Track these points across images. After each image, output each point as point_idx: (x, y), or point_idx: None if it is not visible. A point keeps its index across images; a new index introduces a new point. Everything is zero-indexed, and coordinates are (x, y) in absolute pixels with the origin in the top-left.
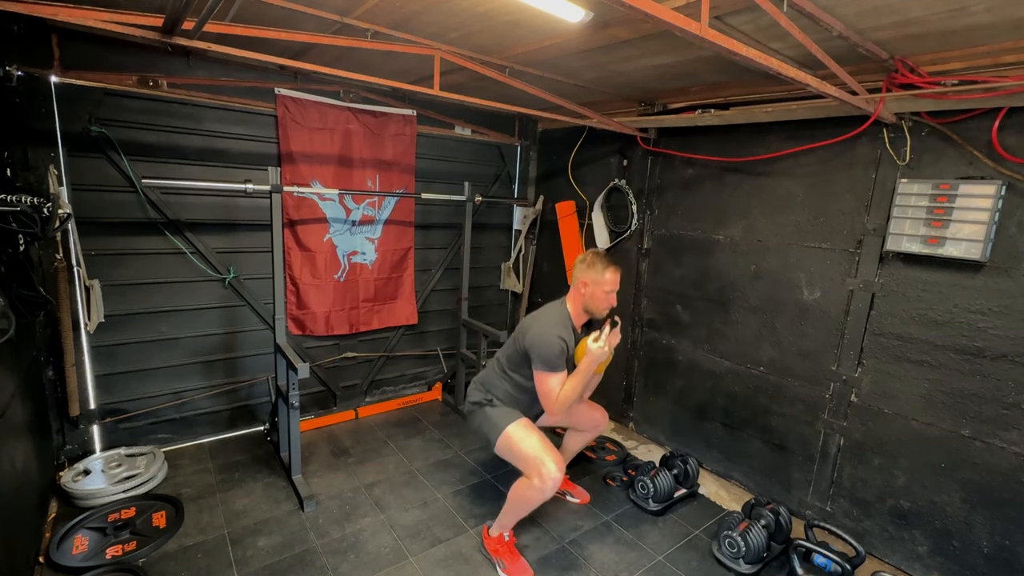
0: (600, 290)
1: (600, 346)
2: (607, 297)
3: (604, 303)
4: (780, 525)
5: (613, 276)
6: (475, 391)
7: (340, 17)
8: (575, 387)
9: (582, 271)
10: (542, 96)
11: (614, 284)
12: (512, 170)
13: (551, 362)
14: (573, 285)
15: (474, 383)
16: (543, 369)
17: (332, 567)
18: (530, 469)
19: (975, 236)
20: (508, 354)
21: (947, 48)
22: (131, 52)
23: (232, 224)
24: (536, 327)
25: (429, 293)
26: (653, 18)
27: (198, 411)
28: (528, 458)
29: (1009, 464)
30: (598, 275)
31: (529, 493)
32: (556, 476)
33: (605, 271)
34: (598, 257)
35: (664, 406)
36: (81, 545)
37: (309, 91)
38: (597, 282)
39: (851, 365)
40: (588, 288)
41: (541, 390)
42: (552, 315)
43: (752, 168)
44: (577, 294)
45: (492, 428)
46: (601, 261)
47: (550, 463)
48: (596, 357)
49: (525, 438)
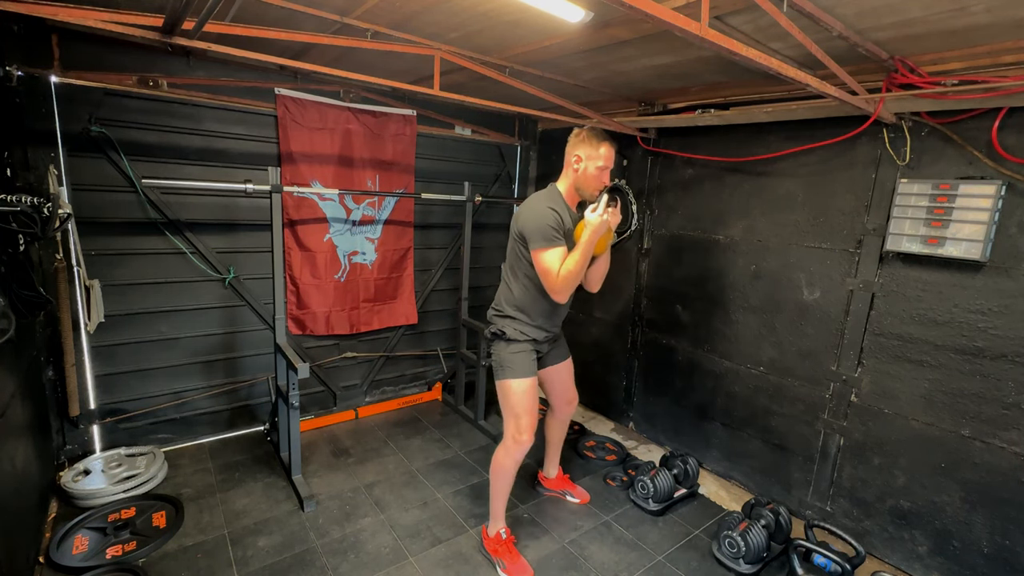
0: (593, 165)
1: (599, 214)
2: (600, 174)
3: (596, 181)
4: (780, 525)
5: (608, 151)
6: (491, 314)
7: (340, 17)
8: (577, 261)
9: (575, 145)
10: (542, 96)
11: (608, 160)
12: (512, 170)
13: (546, 234)
14: (566, 162)
15: (491, 307)
16: (539, 244)
17: (332, 567)
18: (508, 421)
19: (975, 236)
20: (509, 256)
21: (947, 48)
22: (131, 52)
23: (232, 224)
24: (527, 209)
25: (429, 293)
26: (653, 18)
27: (198, 411)
28: (513, 410)
29: (1009, 464)
30: (592, 149)
31: (502, 458)
32: (525, 439)
33: (600, 145)
34: (593, 131)
35: (664, 406)
36: (81, 545)
37: (309, 91)
38: (591, 156)
39: (851, 365)
40: (581, 163)
41: (541, 269)
42: (542, 195)
43: (752, 168)
44: (570, 171)
45: (500, 368)
46: (596, 135)
47: (525, 423)
48: (596, 227)
49: (520, 394)
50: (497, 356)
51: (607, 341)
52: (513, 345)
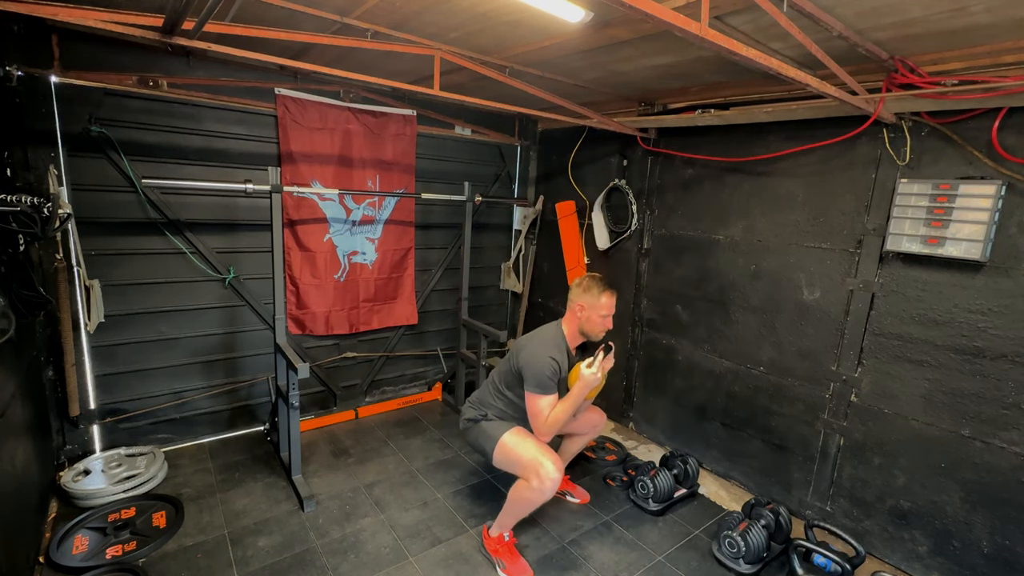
0: (596, 314)
1: (593, 372)
2: (603, 321)
3: (600, 326)
4: (780, 525)
5: (609, 300)
6: (469, 409)
7: (340, 17)
8: (565, 411)
9: (578, 295)
10: (542, 96)
11: (610, 308)
12: (512, 170)
13: (542, 383)
14: (569, 308)
15: (468, 402)
16: (534, 390)
17: (332, 567)
18: (528, 473)
19: (975, 236)
20: (502, 372)
21: (947, 48)
22: (131, 52)
23: (232, 224)
24: (530, 347)
25: (429, 293)
26: (653, 18)
27: (198, 411)
28: (526, 462)
29: (1009, 464)
30: (594, 299)
31: (528, 494)
32: (555, 476)
33: (601, 295)
34: (594, 281)
35: (664, 406)
36: (81, 545)
37: (309, 91)
38: (593, 306)
39: (851, 365)
40: (584, 312)
41: (530, 411)
42: (547, 336)
43: (752, 168)
44: (573, 317)
45: (487, 440)
46: (597, 285)
47: (548, 464)
48: (588, 383)
49: (520, 443)
50: (480, 435)
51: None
52: (492, 421)
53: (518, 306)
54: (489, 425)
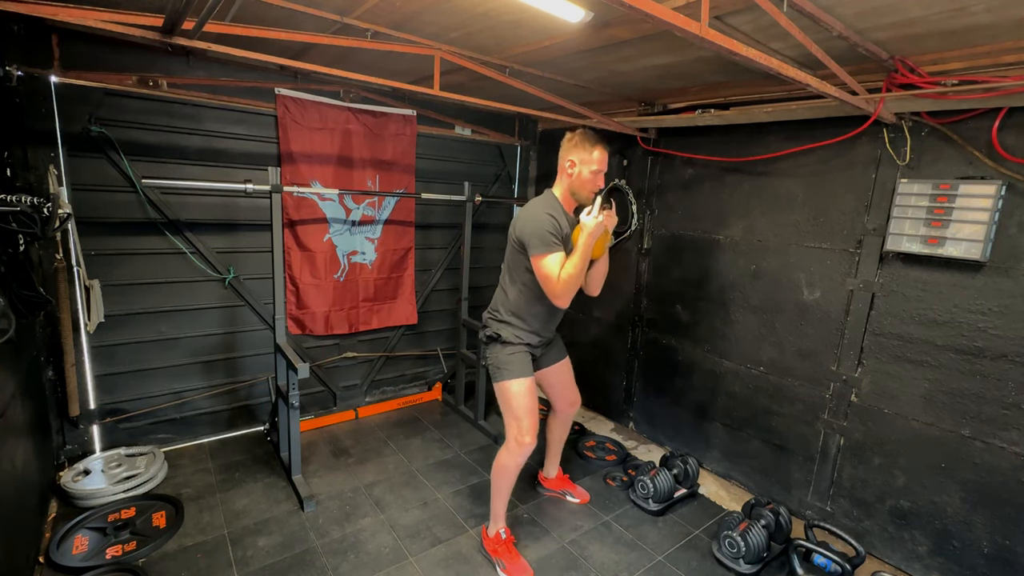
0: (587, 168)
1: (594, 216)
2: (594, 178)
3: (591, 184)
4: (780, 525)
5: (601, 155)
6: (487, 318)
7: (340, 17)
8: (576, 264)
9: (568, 149)
10: (542, 96)
11: (602, 163)
12: (512, 170)
13: (544, 239)
14: (559, 167)
15: (487, 311)
16: (539, 250)
17: (332, 567)
18: (510, 424)
19: (975, 236)
20: (508, 258)
21: (947, 48)
22: (131, 52)
23: (232, 224)
24: (524, 215)
25: (429, 293)
26: (653, 18)
27: (198, 411)
28: (513, 412)
29: (1009, 464)
30: (586, 153)
31: (504, 459)
32: (528, 441)
33: (593, 149)
34: (586, 135)
35: (664, 406)
36: (81, 545)
37: (309, 91)
38: (585, 160)
39: (851, 365)
40: (575, 168)
41: (541, 275)
42: (538, 201)
43: (752, 168)
44: (564, 176)
45: (497, 370)
46: (590, 139)
47: (527, 425)
48: (592, 231)
49: (519, 395)
50: (494, 359)
51: (607, 341)
52: (509, 347)
53: None
54: (503, 352)
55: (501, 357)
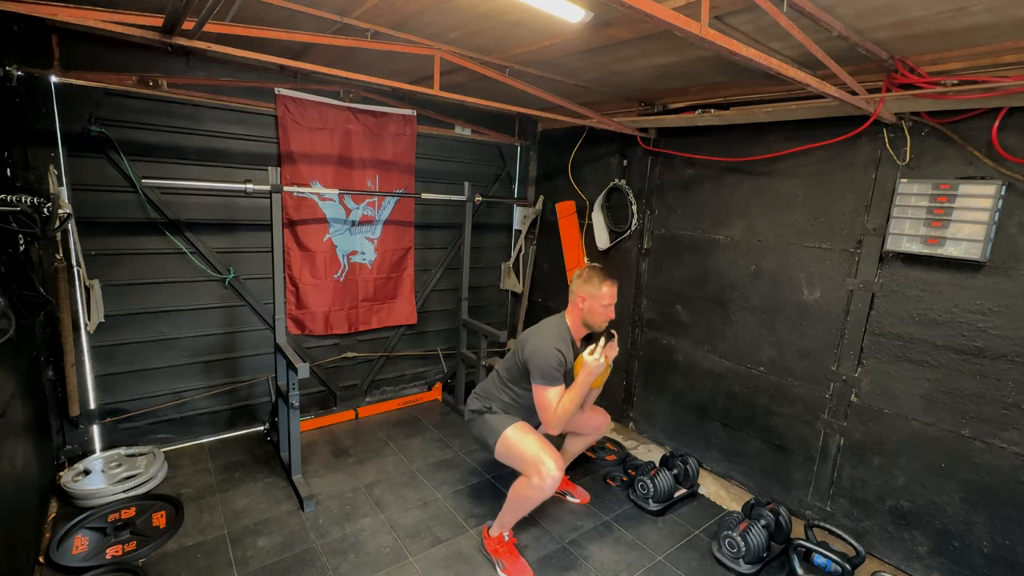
0: (598, 304)
1: (596, 358)
2: (605, 311)
3: (602, 317)
4: (780, 525)
5: (610, 290)
6: (474, 400)
7: (340, 17)
8: (572, 400)
9: (579, 286)
10: (542, 96)
11: (611, 298)
12: (512, 170)
13: (548, 375)
14: (571, 300)
15: (474, 393)
16: (541, 382)
17: (332, 567)
18: (529, 469)
19: (975, 236)
20: (507, 367)
21: (947, 48)
22: (131, 52)
23: (232, 224)
24: (534, 340)
25: (429, 293)
26: (653, 18)
27: (198, 411)
28: (527, 458)
29: (1009, 464)
30: (595, 289)
31: (528, 492)
32: (555, 475)
33: (602, 285)
34: (595, 272)
35: (664, 406)
36: (81, 545)
37: (309, 91)
38: (595, 296)
39: (851, 365)
40: (586, 303)
41: (539, 403)
42: (551, 328)
43: (752, 168)
44: (575, 308)
45: (491, 433)
46: (598, 276)
47: (549, 461)
48: (592, 370)
49: (523, 439)
50: (484, 428)
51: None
52: (496, 414)
53: (518, 306)
54: (493, 418)
55: (488, 423)
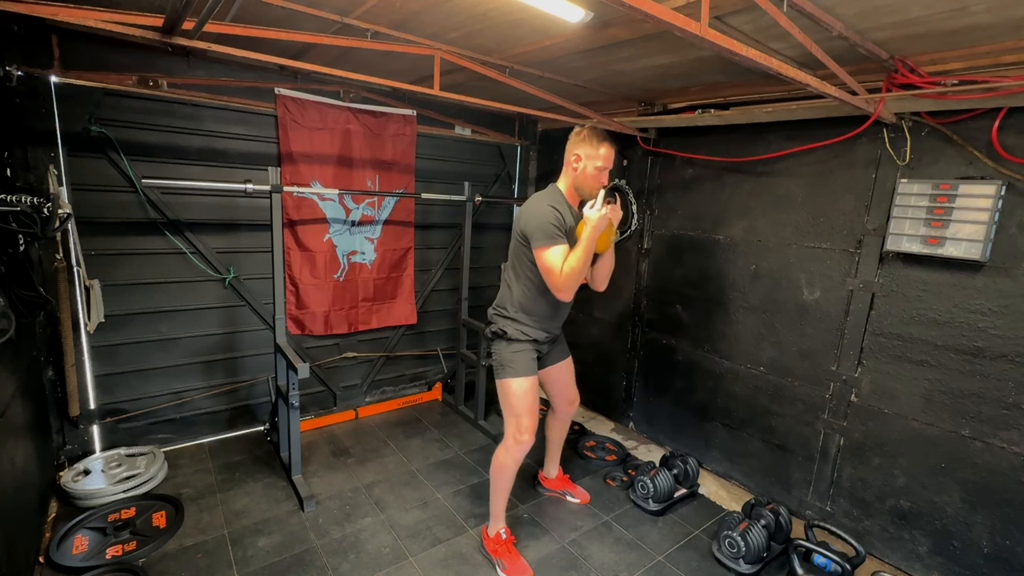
0: (592, 165)
1: (598, 209)
2: (599, 174)
3: (595, 181)
4: (780, 525)
5: (607, 151)
6: (493, 315)
7: (340, 17)
8: (579, 258)
9: (575, 144)
10: (542, 96)
11: (607, 160)
12: (512, 170)
13: (548, 232)
14: (565, 161)
15: (492, 308)
16: (541, 243)
17: (332, 567)
18: (509, 421)
19: (975, 236)
20: (512, 253)
21: (947, 48)
22: (131, 52)
23: (232, 224)
24: (527, 208)
25: (429, 293)
26: (653, 18)
27: (198, 411)
28: (514, 409)
29: (1009, 464)
30: (592, 149)
31: (503, 458)
32: (526, 439)
33: (600, 145)
34: (594, 131)
35: (664, 406)
36: (81, 545)
37: (309, 91)
38: (590, 156)
39: (851, 365)
40: (580, 163)
41: (544, 267)
42: (543, 194)
43: (752, 168)
44: (569, 170)
45: (500, 367)
46: (597, 135)
47: (526, 424)
48: (596, 224)
49: (521, 394)
50: (498, 355)
51: (607, 341)
52: (514, 344)
53: None
54: (507, 349)
55: (505, 354)
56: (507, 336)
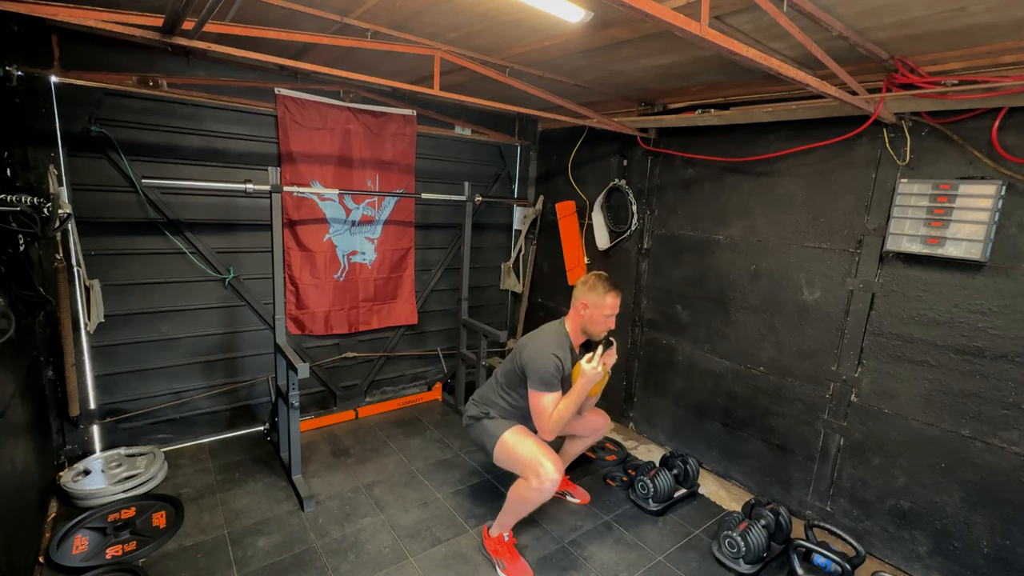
0: (599, 313)
1: (593, 366)
2: (606, 320)
3: (603, 325)
4: (780, 525)
5: (613, 300)
6: (472, 406)
7: (340, 17)
8: (568, 407)
9: (582, 293)
10: (542, 96)
11: (614, 308)
12: (512, 170)
13: (545, 380)
14: (573, 306)
15: (472, 399)
16: (537, 388)
17: (332, 567)
18: (528, 472)
19: (975, 236)
20: (506, 371)
21: (947, 48)
22: (131, 52)
23: (232, 224)
24: (532, 345)
25: (429, 293)
26: (653, 18)
27: (198, 411)
28: (526, 461)
29: (1009, 464)
30: (599, 298)
31: (527, 494)
32: (554, 477)
33: (606, 295)
34: (600, 280)
35: (664, 406)
36: (81, 545)
37: (309, 91)
38: (597, 305)
39: (851, 365)
40: (588, 310)
41: (534, 409)
42: (549, 334)
43: (752, 168)
44: (576, 315)
45: (489, 438)
46: (603, 284)
47: (548, 464)
48: (590, 378)
49: (521, 442)
50: (480, 433)
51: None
52: (495, 419)
53: (518, 306)
54: (491, 423)
55: (486, 428)
56: (489, 415)
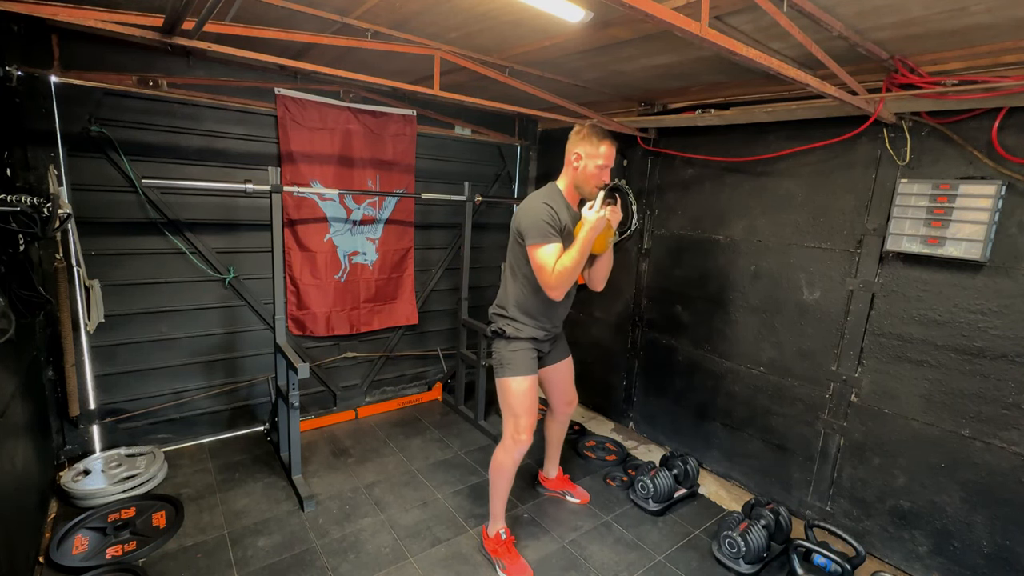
0: (592, 163)
1: (596, 211)
2: (600, 172)
3: (595, 179)
4: (780, 525)
5: (608, 149)
6: (492, 313)
7: (340, 17)
8: (573, 258)
9: (575, 142)
10: (542, 96)
11: (608, 158)
12: (512, 170)
13: (541, 229)
14: (566, 160)
15: (492, 307)
16: (534, 240)
17: (332, 567)
18: (508, 420)
19: (975, 236)
20: (510, 251)
21: (947, 48)
22: (131, 52)
23: (232, 224)
24: (524, 205)
25: (429, 293)
26: (653, 18)
27: (198, 411)
28: (512, 409)
29: (1009, 464)
30: (593, 147)
31: (501, 457)
32: (524, 438)
33: (601, 143)
34: (594, 129)
35: (664, 406)
36: (81, 545)
37: (309, 91)
38: (591, 155)
39: (851, 365)
40: (581, 161)
41: (535, 264)
42: (540, 192)
43: (752, 168)
44: (569, 169)
45: (500, 366)
46: (597, 133)
47: (524, 423)
48: (593, 225)
49: (520, 393)
50: (497, 354)
51: (607, 341)
52: (513, 343)
53: None
54: (508, 349)
55: (504, 353)
56: (506, 335)
